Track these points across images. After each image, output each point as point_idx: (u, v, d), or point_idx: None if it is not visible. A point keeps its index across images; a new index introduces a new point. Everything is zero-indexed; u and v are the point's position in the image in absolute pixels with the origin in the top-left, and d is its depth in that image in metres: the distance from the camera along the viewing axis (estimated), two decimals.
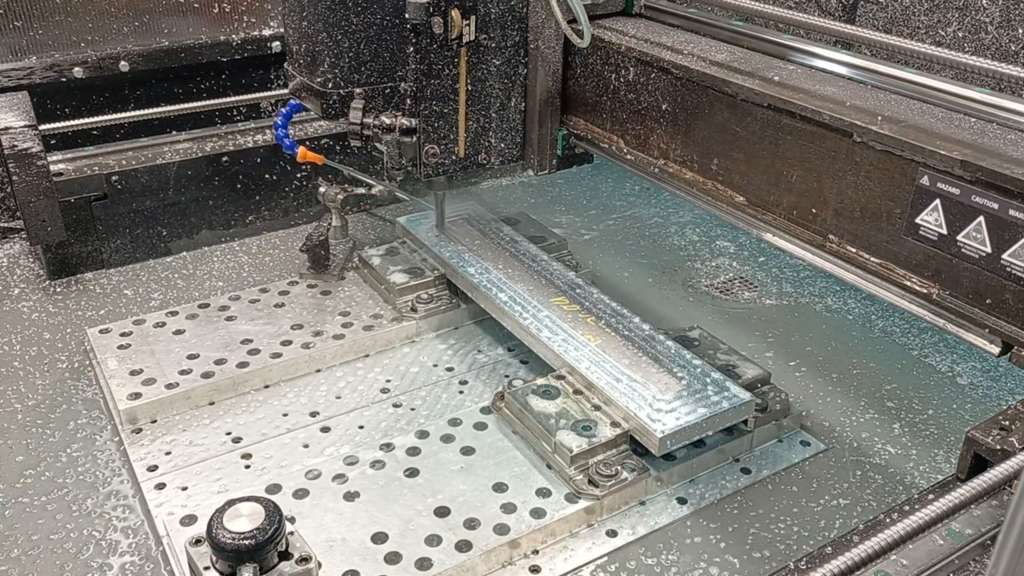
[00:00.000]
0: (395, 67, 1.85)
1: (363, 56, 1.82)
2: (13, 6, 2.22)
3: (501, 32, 1.85)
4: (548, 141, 2.02)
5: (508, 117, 1.95)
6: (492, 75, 1.88)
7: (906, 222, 1.41)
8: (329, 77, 1.82)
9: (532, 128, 1.99)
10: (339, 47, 1.80)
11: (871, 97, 1.55)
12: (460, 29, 1.74)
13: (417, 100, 1.81)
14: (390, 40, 1.82)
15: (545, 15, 1.87)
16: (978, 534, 1.14)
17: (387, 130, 1.83)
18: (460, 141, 1.89)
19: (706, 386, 1.65)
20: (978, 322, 1.36)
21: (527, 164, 2.04)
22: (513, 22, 1.87)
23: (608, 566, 1.45)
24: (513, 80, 1.92)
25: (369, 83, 1.84)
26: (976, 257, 1.33)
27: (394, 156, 1.88)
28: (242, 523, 1.21)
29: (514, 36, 1.88)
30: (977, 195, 1.30)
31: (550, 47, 1.92)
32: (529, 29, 1.90)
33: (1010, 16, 1.89)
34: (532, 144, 2.01)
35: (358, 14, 1.78)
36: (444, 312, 2.02)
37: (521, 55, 1.91)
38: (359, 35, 1.80)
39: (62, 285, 2.22)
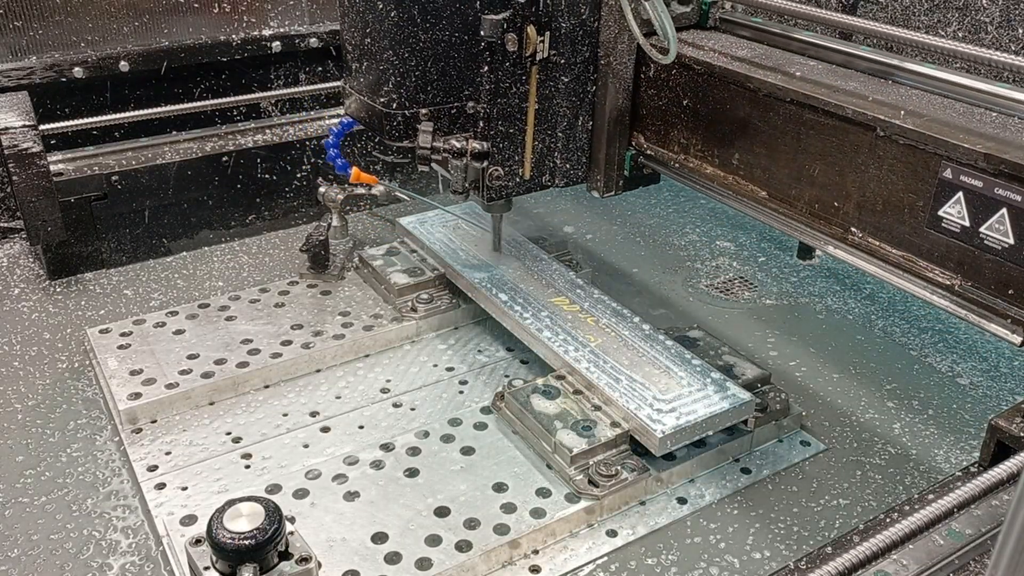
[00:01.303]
0: (462, 86, 1.73)
1: (430, 75, 1.70)
2: (13, 6, 2.22)
3: (571, 48, 1.76)
4: (616, 161, 1.91)
5: (575, 136, 1.86)
6: (560, 93, 1.79)
7: (929, 215, 1.42)
8: (394, 97, 1.70)
9: (599, 148, 1.89)
10: (405, 66, 1.68)
11: (892, 92, 1.56)
12: (535, 46, 1.65)
13: (489, 122, 1.73)
14: (458, 58, 1.70)
15: (618, 29, 1.77)
16: (978, 534, 1.14)
17: (458, 154, 1.73)
18: (526, 162, 1.80)
19: (706, 386, 1.65)
20: (1001, 312, 1.36)
21: (591, 185, 1.94)
22: (584, 37, 1.77)
23: (608, 566, 1.45)
24: (581, 98, 1.83)
25: (435, 103, 1.73)
26: (999, 248, 1.34)
27: (458, 179, 1.78)
28: (242, 523, 1.21)
29: (584, 52, 1.79)
30: (1000, 187, 1.31)
31: (622, 63, 1.81)
32: (600, 44, 1.80)
33: (1010, 16, 1.89)
34: (598, 164, 1.90)
35: (427, 31, 1.66)
36: (444, 312, 2.02)
37: (590, 71, 1.82)
38: (426, 53, 1.68)
39: (62, 285, 2.22)
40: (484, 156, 1.75)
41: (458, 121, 1.76)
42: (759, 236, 2.49)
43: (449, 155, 1.73)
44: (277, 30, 2.54)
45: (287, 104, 2.63)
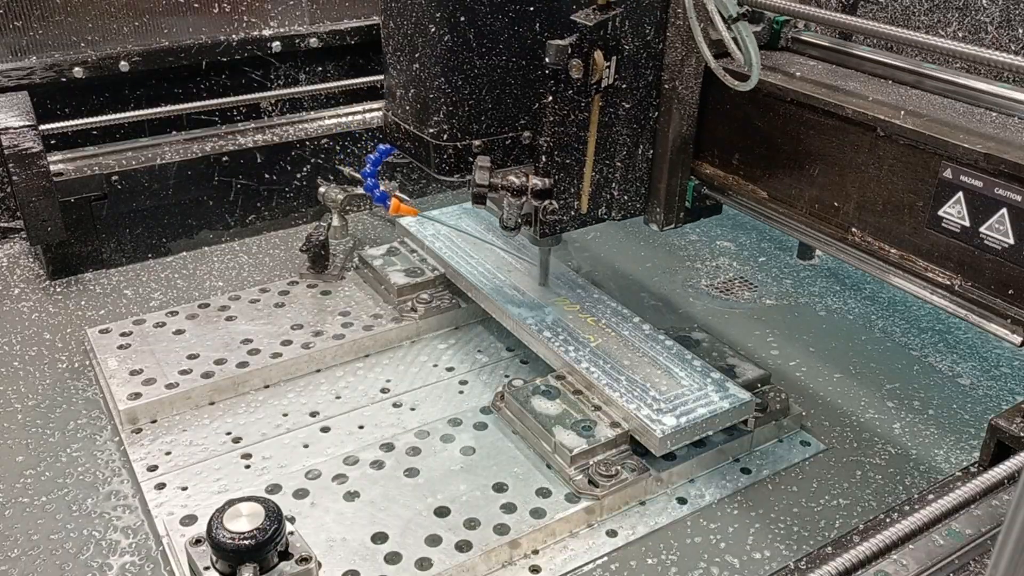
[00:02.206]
0: (517, 115, 1.63)
1: (484, 104, 1.59)
2: (13, 6, 2.22)
3: (634, 71, 1.64)
4: (677, 192, 1.78)
5: (634, 166, 1.73)
6: (620, 120, 1.67)
7: (929, 215, 1.42)
8: (444, 128, 1.59)
9: (660, 178, 1.76)
10: (458, 94, 1.56)
11: (893, 92, 1.56)
12: (601, 72, 1.52)
13: (551, 156, 1.59)
14: (514, 85, 1.60)
15: (685, 52, 1.65)
16: (978, 534, 1.14)
17: (517, 192, 1.59)
18: (583, 196, 1.66)
19: (706, 386, 1.65)
20: (1000, 312, 1.37)
21: (650, 218, 1.81)
22: (647, 60, 1.65)
23: (608, 566, 1.45)
24: (643, 125, 1.71)
25: (488, 134, 1.62)
26: (999, 248, 1.34)
27: (512, 216, 1.64)
28: (242, 523, 1.21)
29: (647, 76, 1.66)
30: (1000, 187, 1.32)
31: (688, 87, 1.69)
32: (664, 67, 1.67)
33: (1010, 16, 1.89)
34: (658, 196, 1.78)
35: (482, 56, 1.55)
36: (444, 312, 2.02)
37: (653, 97, 1.69)
38: (481, 80, 1.57)
39: (62, 285, 2.22)
40: (546, 194, 1.62)
41: (512, 152, 1.65)
42: (759, 236, 2.49)
43: (508, 193, 1.60)
44: (277, 30, 2.54)
45: (287, 104, 2.63)
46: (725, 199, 1.80)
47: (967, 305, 1.42)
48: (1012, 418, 1.28)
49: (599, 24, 1.49)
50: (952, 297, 1.43)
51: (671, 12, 1.63)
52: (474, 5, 1.51)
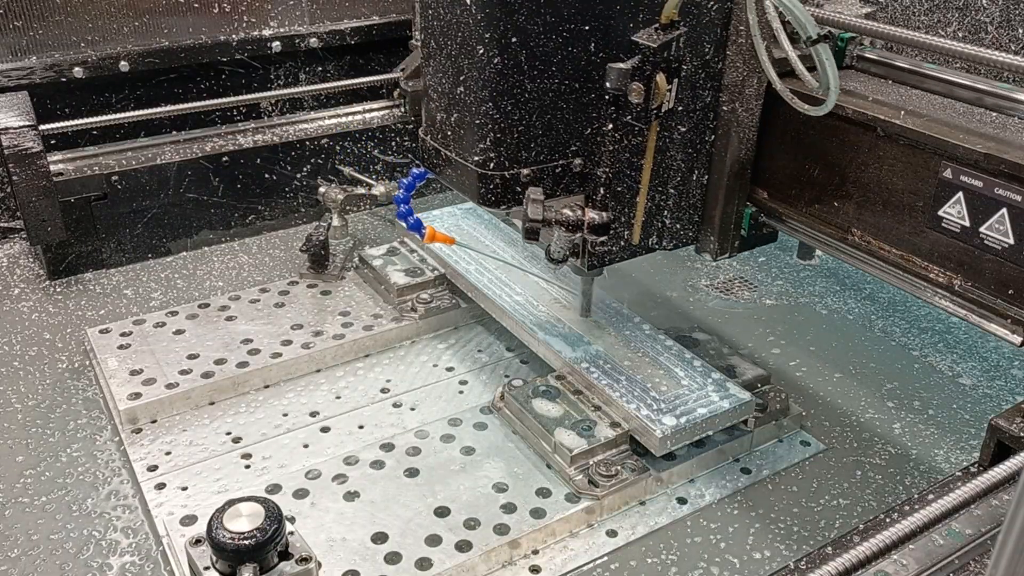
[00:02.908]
0: (569, 141, 1.50)
1: (534, 130, 1.46)
2: (13, 6, 2.22)
3: (691, 92, 1.53)
4: (733, 220, 1.67)
5: (688, 193, 1.62)
6: (675, 144, 1.55)
7: (929, 215, 1.42)
8: (491, 156, 1.46)
9: (714, 205, 1.65)
10: (508, 120, 1.44)
11: (892, 92, 1.55)
12: (663, 96, 1.40)
13: (609, 187, 1.49)
14: (566, 109, 1.47)
15: (746, 71, 1.53)
16: (978, 534, 1.14)
17: (573, 227, 1.48)
18: (636, 225, 1.55)
19: (706, 386, 1.65)
20: (1000, 312, 1.37)
21: (703, 247, 1.70)
22: (706, 80, 1.54)
23: (608, 566, 1.45)
24: (698, 149, 1.59)
25: (537, 162, 1.49)
26: (999, 248, 1.34)
27: (562, 249, 1.54)
28: (242, 523, 1.21)
29: (705, 97, 1.55)
30: (1000, 187, 1.31)
31: (749, 109, 1.57)
32: (723, 88, 1.56)
33: (1010, 16, 1.89)
34: (712, 224, 1.66)
35: (533, 79, 1.43)
36: (444, 312, 2.02)
37: (710, 119, 1.58)
38: (531, 105, 1.44)
39: (62, 285, 2.22)
40: (604, 229, 1.50)
41: (562, 181, 1.53)
42: None
43: (562, 228, 1.48)
44: (277, 30, 2.54)
45: (287, 104, 2.63)
46: (783, 226, 1.70)
47: (967, 305, 1.42)
48: (1012, 418, 1.28)
49: (663, 45, 1.38)
50: (952, 297, 1.43)
51: (732, 29, 1.52)
52: (527, 25, 1.39)
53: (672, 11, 1.38)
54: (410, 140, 2.62)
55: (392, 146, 2.60)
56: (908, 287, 1.56)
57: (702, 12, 1.48)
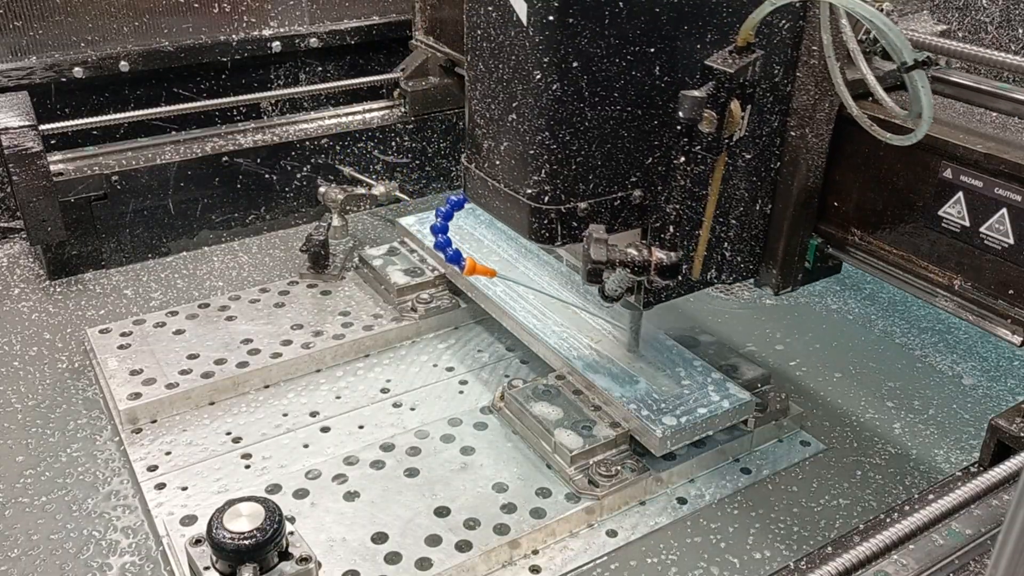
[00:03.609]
0: (629, 171, 1.39)
1: (593, 161, 1.35)
2: (13, 6, 2.22)
3: (758, 118, 1.43)
4: (797, 252, 1.57)
5: (750, 224, 1.52)
6: (738, 172, 1.45)
7: (929, 215, 1.42)
8: (546, 189, 1.35)
9: (777, 236, 1.55)
10: (565, 150, 1.33)
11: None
12: (737, 125, 1.30)
13: (680, 225, 1.37)
14: (626, 138, 1.36)
15: (818, 95, 1.43)
16: (978, 534, 1.14)
17: (639, 269, 1.36)
18: (696, 260, 1.44)
19: (706, 386, 1.65)
20: (1000, 312, 1.36)
21: (763, 280, 1.60)
22: (774, 104, 1.44)
23: (608, 566, 1.45)
24: (763, 178, 1.49)
25: (596, 195, 1.38)
26: (999, 248, 1.34)
27: (619, 286, 1.43)
28: (242, 523, 1.21)
29: (772, 122, 1.45)
30: (1000, 187, 1.31)
31: (819, 134, 1.47)
32: (792, 112, 1.46)
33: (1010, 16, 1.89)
34: (774, 256, 1.56)
35: (594, 107, 1.32)
36: (444, 312, 2.02)
37: (776, 146, 1.48)
38: (591, 134, 1.33)
39: (62, 285, 2.22)
40: (674, 271, 1.38)
41: (620, 215, 1.42)
42: None
43: (628, 270, 1.36)
44: (277, 30, 2.54)
45: (287, 104, 2.63)
46: (850, 259, 1.60)
47: (967, 305, 1.41)
48: (1012, 418, 1.28)
49: (740, 70, 1.27)
50: (952, 297, 1.43)
51: (803, 50, 1.43)
52: (589, 48, 1.28)
53: (749, 33, 1.28)
54: (410, 140, 2.62)
55: (392, 146, 2.60)
56: (908, 287, 1.54)
57: (772, 32, 1.38)
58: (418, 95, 2.58)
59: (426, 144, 2.65)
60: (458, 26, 2.47)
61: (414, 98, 2.57)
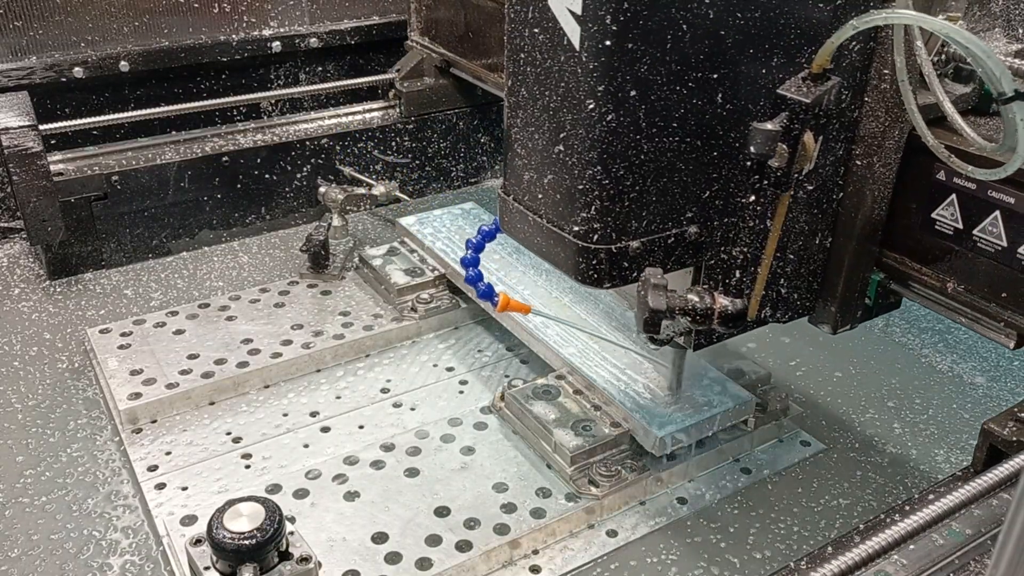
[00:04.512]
0: (684, 208, 1.28)
1: (647, 196, 1.24)
2: (13, 6, 2.22)
3: (824, 147, 1.30)
4: (857, 288, 1.45)
5: (808, 259, 1.39)
6: (799, 204, 1.32)
7: (922, 217, 1.41)
8: (596, 227, 1.24)
9: (837, 272, 1.43)
10: (619, 185, 1.22)
11: None
12: (809, 158, 1.20)
13: (747, 271, 1.29)
14: (684, 171, 1.25)
15: (888, 121, 1.30)
16: (978, 534, 1.14)
17: (702, 318, 1.27)
18: (754, 299, 1.32)
19: (706, 386, 1.65)
20: (994, 315, 1.36)
21: (819, 318, 1.48)
22: (839, 132, 1.31)
23: (608, 566, 1.45)
24: (824, 211, 1.36)
25: (649, 233, 1.27)
26: (992, 251, 1.33)
27: (674, 330, 1.35)
28: (242, 523, 1.21)
29: (837, 150, 1.32)
30: (993, 190, 1.31)
31: (887, 164, 1.34)
32: (858, 140, 1.34)
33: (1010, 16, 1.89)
34: (833, 292, 1.44)
35: (651, 138, 1.21)
36: (444, 312, 2.02)
37: (839, 175, 1.35)
38: (647, 167, 1.22)
39: (62, 285, 2.22)
40: (739, 319, 1.29)
41: (675, 252, 1.31)
42: None
43: (688, 318, 1.27)
44: (277, 30, 2.54)
45: (287, 104, 2.63)
46: (911, 294, 1.50)
47: (960, 308, 1.41)
48: (1004, 422, 1.28)
49: (817, 99, 1.16)
50: (945, 300, 1.42)
51: (874, 73, 1.30)
52: (648, 75, 1.17)
53: (826, 58, 1.17)
54: (410, 140, 2.62)
55: (392, 146, 2.60)
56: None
57: (841, 55, 1.25)
58: (413, 96, 2.58)
59: (426, 144, 2.65)
60: (454, 27, 2.47)
61: (409, 99, 2.57)
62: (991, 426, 1.27)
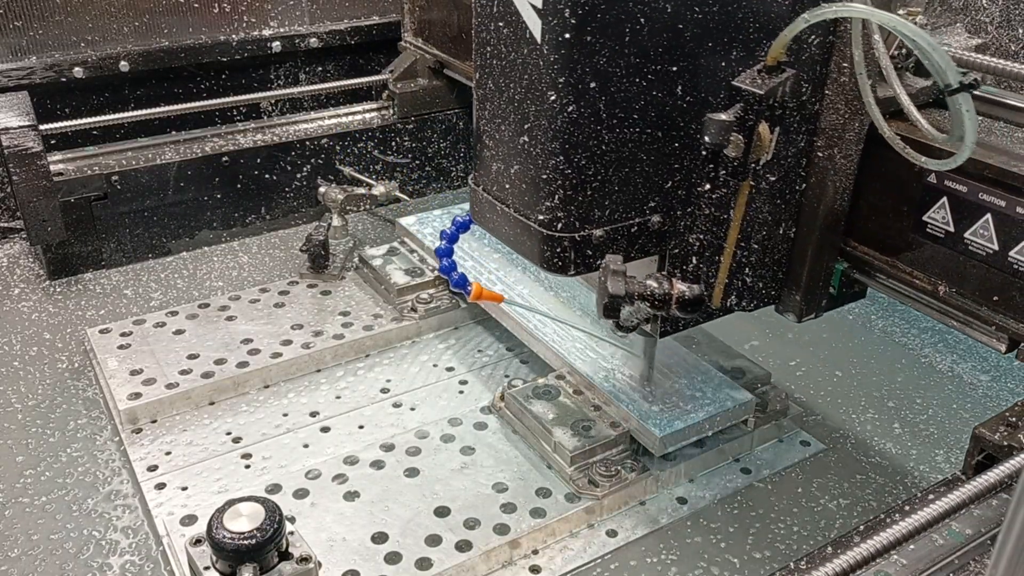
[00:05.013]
0: (647, 197, 1.33)
1: (610, 186, 1.28)
2: (13, 6, 2.22)
3: (784, 138, 1.33)
4: (821, 277, 1.48)
5: (772, 248, 1.43)
6: (762, 195, 1.35)
7: (913, 220, 1.41)
8: (560, 216, 1.28)
9: (800, 261, 1.47)
10: (581, 174, 1.26)
11: None
12: (765, 148, 1.24)
13: (703, 256, 1.33)
14: (645, 161, 1.29)
15: (848, 114, 1.34)
16: (978, 534, 1.14)
17: (660, 303, 1.31)
18: (717, 288, 1.37)
19: (706, 386, 1.65)
20: (985, 319, 1.36)
21: (785, 307, 1.52)
22: (800, 124, 1.34)
23: (608, 566, 1.45)
24: (787, 201, 1.40)
25: (612, 221, 1.31)
26: (983, 254, 1.33)
27: (636, 317, 1.37)
28: (242, 523, 1.21)
29: (798, 142, 1.35)
30: (984, 193, 1.30)
31: (848, 155, 1.38)
32: (819, 132, 1.37)
33: (1010, 16, 1.89)
34: (797, 281, 1.48)
35: (612, 129, 1.25)
36: (444, 312, 2.02)
37: (801, 167, 1.38)
38: (608, 157, 1.27)
39: (62, 285, 2.22)
40: (696, 304, 1.33)
41: (638, 241, 1.35)
42: None
43: (647, 304, 1.30)
44: (277, 30, 2.54)
45: (287, 104, 2.63)
46: (876, 284, 1.54)
47: (951, 311, 1.40)
48: (995, 427, 1.27)
49: (771, 91, 1.21)
50: (937, 303, 1.42)
51: (833, 66, 1.33)
52: (607, 67, 1.21)
53: (780, 51, 1.21)
54: (410, 140, 2.62)
55: (392, 146, 2.60)
56: (893, 293, 1.51)
57: (801, 48, 1.28)
58: (407, 97, 2.57)
59: (426, 144, 2.65)
60: (447, 28, 2.47)
61: (402, 100, 2.57)
62: (982, 431, 1.27)
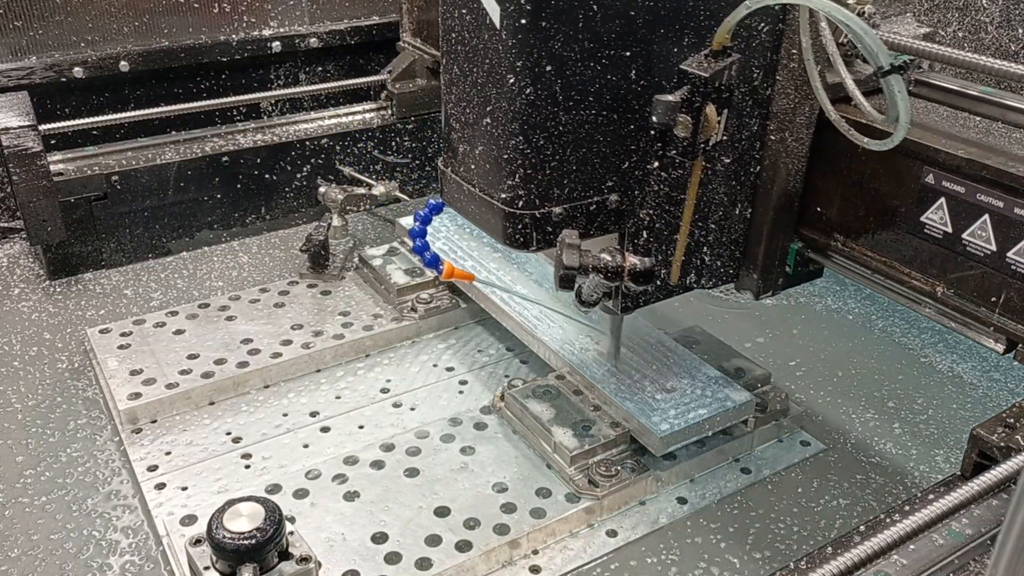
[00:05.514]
0: (604, 177, 1.39)
1: (568, 165, 1.34)
2: (13, 6, 2.22)
3: (737, 122, 1.40)
4: (777, 256, 1.54)
5: (729, 228, 1.49)
6: (717, 177, 1.42)
7: (911, 221, 1.41)
8: (520, 194, 1.34)
9: (757, 241, 1.53)
10: (540, 154, 1.32)
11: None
12: (713, 129, 1.30)
13: (653, 230, 1.38)
14: (602, 142, 1.36)
15: (798, 98, 1.40)
16: (978, 534, 1.14)
17: (613, 275, 1.36)
18: (675, 265, 1.42)
19: (706, 386, 1.65)
20: (983, 320, 1.36)
21: (743, 285, 1.58)
22: (753, 108, 1.41)
23: (608, 566, 1.45)
24: (742, 182, 1.46)
25: (571, 200, 1.37)
26: (981, 255, 1.33)
27: (595, 291, 1.41)
28: (242, 523, 1.21)
29: (751, 126, 1.42)
30: (982, 193, 1.30)
31: (799, 139, 1.44)
32: (771, 116, 1.44)
33: (1010, 16, 1.89)
34: (754, 260, 1.54)
35: (569, 111, 1.31)
36: (444, 312, 2.02)
37: (755, 149, 1.45)
38: (565, 138, 1.32)
39: (62, 285, 2.22)
40: (647, 276, 1.38)
41: (597, 219, 1.41)
42: None
43: (601, 275, 1.35)
44: (277, 30, 2.54)
45: (287, 104, 2.63)
46: (831, 263, 1.58)
47: (949, 312, 1.40)
48: (993, 428, 1.27)
49: (716, 74, 1.26)
50: (935, 304, 1.42)
51: (783, 53, 1.40)
52: (563, 52, 1.27)
53: (724, 36, 1.26)
54: (410, 140, 2.62)
55: (392, 146, 2.60)
56: (891, 294, 1.53)
57: (751, 35, 1.35)
58: (405, 97, 2.57)
59: (425, 144, 2.65)
60: None
61: (401, 100, 2.57)
62: (980, 432, 1.27)
